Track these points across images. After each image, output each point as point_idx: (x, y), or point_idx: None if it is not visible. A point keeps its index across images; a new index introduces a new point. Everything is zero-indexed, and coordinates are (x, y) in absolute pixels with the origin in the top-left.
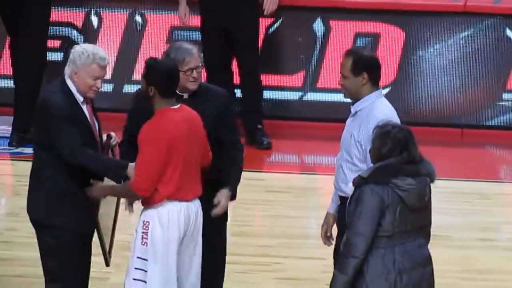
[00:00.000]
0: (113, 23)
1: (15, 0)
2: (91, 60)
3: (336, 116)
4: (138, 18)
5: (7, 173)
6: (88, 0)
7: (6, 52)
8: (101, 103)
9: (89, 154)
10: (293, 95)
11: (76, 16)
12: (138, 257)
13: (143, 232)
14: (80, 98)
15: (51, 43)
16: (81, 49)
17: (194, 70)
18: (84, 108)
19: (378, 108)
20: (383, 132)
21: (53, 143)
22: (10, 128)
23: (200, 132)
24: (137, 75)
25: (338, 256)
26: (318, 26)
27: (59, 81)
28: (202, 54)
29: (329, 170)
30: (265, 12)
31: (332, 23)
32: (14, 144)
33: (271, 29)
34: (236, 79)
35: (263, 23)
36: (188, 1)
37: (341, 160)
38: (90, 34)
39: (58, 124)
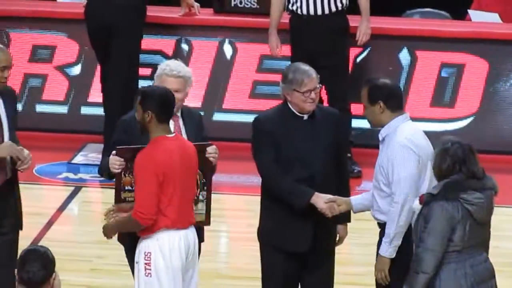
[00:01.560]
0: (203, 51)
1: (106, 29)
2: (160, 73)
3: None
4: (228, 47)
5: (97, 201)
6: (178, 29)
7: (96, 80)
8: None
9: None
10: None
11: (166, 44)
12: None
13: (145, 263)
14: None
15: (142, 71)
16: (160, 65)
17: (312, 92)
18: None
19: (399, 133)
20: (442, 149)
21: None
22: (100, 156)
23: (194, 160)
24: (227, 103)
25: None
26: (404, 56)
27: None
28: None
29: None
30: (358, 43)
31: (418, 53)
32: None
33: (359, 58)
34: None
35: (352, 52)
36: (277, 31)
37: (372, 187)
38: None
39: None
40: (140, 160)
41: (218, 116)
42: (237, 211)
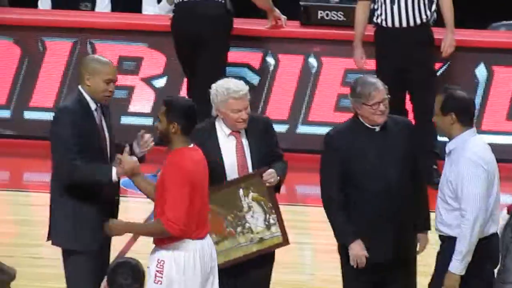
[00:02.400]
0: (289, 64)
1: (193, 41)
2: (226, 97)
3: (500, 156)
4: (313, 61)
5: None
6: (265, 42)
7: (183, 92)
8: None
9: None
10: None
11: (253, 57)
12: None
13: (157, 271)
14: (226, 132)
15: None
16: (215, 87)
17: (381, 104)
18: (232, 142)
19: (468, 148)
20: None
21: None
22: None
23: (207, 170)
24: (313, 116)
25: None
26: (480, 71)
27: (210, 120)
28: None
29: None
30: (443, 55)
31: (494, 68)
32: None
33: (439, 72)
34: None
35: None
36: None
37: (437, 199)
38: (266, 76)
39: None
40: (170, 173)
41: (303, 129)
42: (321, 223)
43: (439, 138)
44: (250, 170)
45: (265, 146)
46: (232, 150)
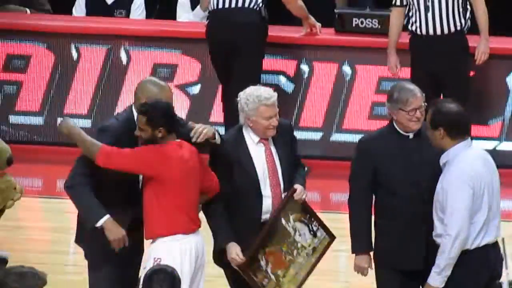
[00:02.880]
0: (323, 72)
1: (228, 48)
2: (257, 104)
3: None
4: (347, 68)
5: None
6: (299, 49)
7: (218, 100)
8: (310, 151)
9: None
10: (490, 144)
11: (288, 64)
12: None
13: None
14: (255, 139)
15: None
16: (245, 95)
17: (418, 110)
18: (260, 149)
19: (456, 162)
20: None
21: None
22: None
23: (197, 163)
24: (347, 123)
25: None
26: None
27: (236, 129)
28: None
29: None
30: (477, 62)
31: None
32: None
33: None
34: None
35: None
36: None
37: (433, 210)
38: (300, 83)
39: None
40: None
41: (337, 136)
42: None
43: None
44: (280, 177)
45: (292, 152)
46: (262, 157)
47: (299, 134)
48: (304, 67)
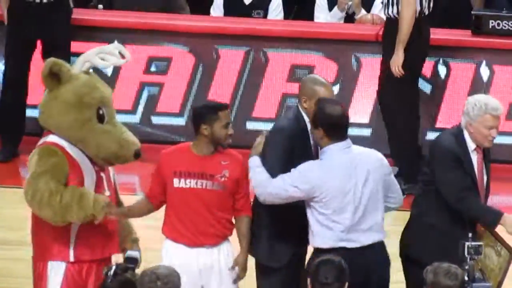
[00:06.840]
0: (460, 73)
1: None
2: (483, 111)
3: None
4: (484, 69)
5: None
6: (436, 51)
7: (355, 100)
8: None
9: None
10: None
11: (425, 65)
12: None
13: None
14: (471, 146)
15: None
16: (474, 100)
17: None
18: (474, 157)
19: (319, 161)
20: None
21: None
22: None
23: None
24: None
25: None
26: None
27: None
28: None
29: None
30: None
31: None
32: None
33: None
34: None
35: None
36: None
37: None
38: (437, 84)
39: (444, 167)
40: None
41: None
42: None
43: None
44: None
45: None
46: (475, 165)
47: (436, 136)
48: (441, 68)
